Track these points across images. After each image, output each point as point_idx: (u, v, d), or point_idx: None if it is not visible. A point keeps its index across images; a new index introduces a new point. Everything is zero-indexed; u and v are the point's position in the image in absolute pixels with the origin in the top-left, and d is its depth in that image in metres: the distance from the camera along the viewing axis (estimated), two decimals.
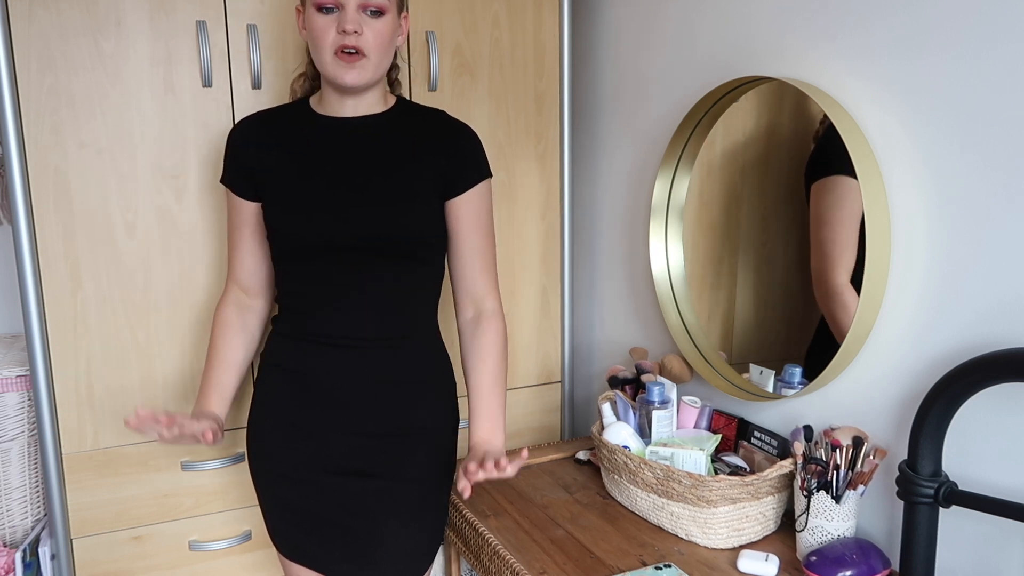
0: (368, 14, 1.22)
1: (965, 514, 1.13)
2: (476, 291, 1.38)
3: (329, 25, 1.22)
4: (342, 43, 1.22)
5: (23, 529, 1.62)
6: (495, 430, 1.34)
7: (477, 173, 1.34)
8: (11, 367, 1.57)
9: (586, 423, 2.04)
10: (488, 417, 1.35)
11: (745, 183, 1.48)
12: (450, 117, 1.37)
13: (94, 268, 1.46)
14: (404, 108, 1.36)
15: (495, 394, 1.36)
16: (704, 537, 1.31)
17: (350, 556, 1.33)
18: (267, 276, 1.41)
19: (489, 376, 1.36)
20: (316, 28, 1.23)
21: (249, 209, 1.35)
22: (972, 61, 1.07)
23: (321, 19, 1.22)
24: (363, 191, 1.27)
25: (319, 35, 1.23)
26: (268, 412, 1.37)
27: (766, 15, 1.39)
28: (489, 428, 1.34)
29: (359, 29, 1.21)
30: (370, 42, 1.23)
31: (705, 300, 1.58)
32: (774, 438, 1.37)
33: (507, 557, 1.29)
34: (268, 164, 1.31)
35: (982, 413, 1.10)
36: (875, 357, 1.25)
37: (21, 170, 1.38)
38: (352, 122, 1.31)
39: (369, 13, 1.22)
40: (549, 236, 1.85)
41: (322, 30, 1.22)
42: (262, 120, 1.36)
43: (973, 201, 1.09)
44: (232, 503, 1.62)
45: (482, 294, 1.38)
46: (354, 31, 1.21)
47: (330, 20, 1.22)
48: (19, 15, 1.35)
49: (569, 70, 1.80)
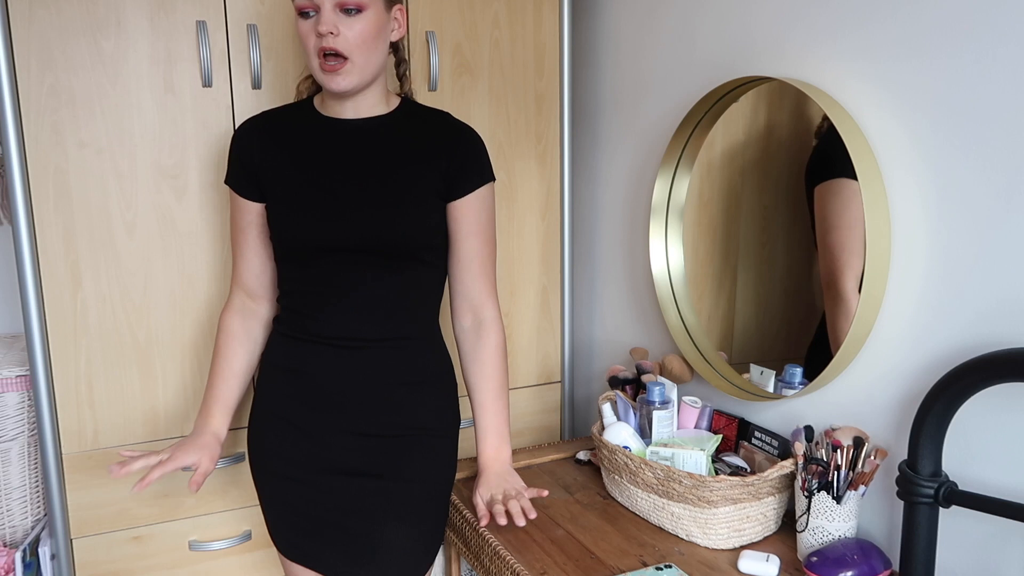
0: (345, 13, 1.21)
1: (965, 514, 1.13)
2: (474, 297, 1.38)
3: (311, 29, 1.21)
4: (320, 46, 1.21)
5: (23, 529, 1.62)
6: (502, 445, 1.39)
7: (479, 176, 1.34)
8: (11, 367, 1.57)
9: (586, 423, 2.04)
10: (495, 431, 1.38)
11: (745, 183, 1.48)
12: (454, 119, 1.36)
13: (94, 268, 1.46)
14: (408, 110, 1.35)
15: (500, 407, 1.38)
16: (705, 537, 1.31)
17: (350, 556, 1.33)
18: (272, 279, 1.41)
19: (493, 390, 1.38)
20: (301, 34, 1.23)
21: (253, 210, 1.34)
22: (972, 63, 1.07)
23: (303, 24, 1.22)
24: (365, 193, 1.27)
25: (304, 40, 1.23)
26: (269, 412, 1.37)
27: (766, 15, 1.39)
28: (496, 443, 1.38)
29: (335, 30, 1.19)
30: (350, 42, 1.21)
31: (705, 300, 1.58)
32: (775, 438, 1.37)
33: (507, 557, 1.29)
34: (271, 165, 1.31)
35: (982, 413, 1.10)
36: (875, 357, 1.25)
37: (21, 170, 1.38)
38: (356, 124, 1.31)
39: (346, 12, 1.20)
40: (549, 236, 1.85)
41: (305, 35, 1.22)
42: (266, 120, 1.35)
43: (973, 201, 1.09)
44: (232, 503, 1.62)
45: (480, 301, 1.38)
46: (329, 32, 1.19)
47: (311, 24, 1.21)
48: (19, 15, 1.35)
49: (569, 70, 1.80)
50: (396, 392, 1.33)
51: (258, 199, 1.34)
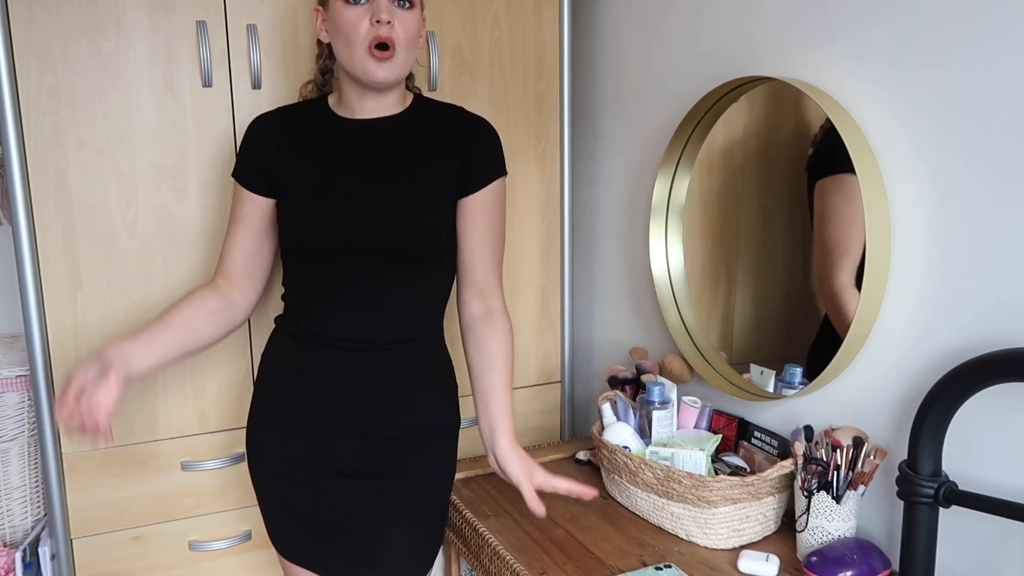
0: (398, 5, 1.21)
1: (965, 514, 1.14)
2: (486, 289, 1.37)
3: (361, 17, 1.19)
4: (376, 35, 1.19)
5: (23, 529, 1.62)
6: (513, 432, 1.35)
7: (496, 169, 1.33)
8: (11, 367, 1.57)
9: (586, 423, 2.04)
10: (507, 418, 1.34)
11: (745, 183, 1.48)
12: (468, 113, 1.36)
13: (94, 268, 1.46)
14: (422, 107, 1.35)
15: (509, 395, 1.36)
16: (704, 537, 1.31)
17: (350, 557, 1.33)
18: (253, 273, 1.37)
19: (504, 377, 1.36)
20: (347, 21, 1.20)
21: (255, 204, 1.33)
22: (972, 63, 1.07)
23: (351, 11, 1.20)
24: (380, 195, 1.26)
25: (350, 28, 1.20)
26: (269, 412, 1.36)
27: (766, 16, 1.39)
28: (509, 430, 1.34)
29: (392, 20, 1.19)
30: (401, 35, 1.21)
31: (705, 300, 1.58)
32: (774, 438, 1.37)
33: (507, 557, 1.29)
34: (286, 162, 1.30)
35: (982, 413, 1.10)
36: (875, 357, 1.25)
37: (21, 170, 1.38)
38: (371, 124, 1.30)
39: (399, 4, 1.21)
40: (549, 236, 1.85)
41: (353, 23, 1.20)
42: (280, 118, 1.34)
43: (973, 201, 1.09)
44: (232, 503, 1.61)
45: (492, 293, 1.37)
46: (388, 21, 1.19)
47: (361, 11, 1.20)
48: (19, 15, 1.35)
49: (569, 70, 1.80)
50: (398, 393, 1.33)
51: (265, 194, 1.32)
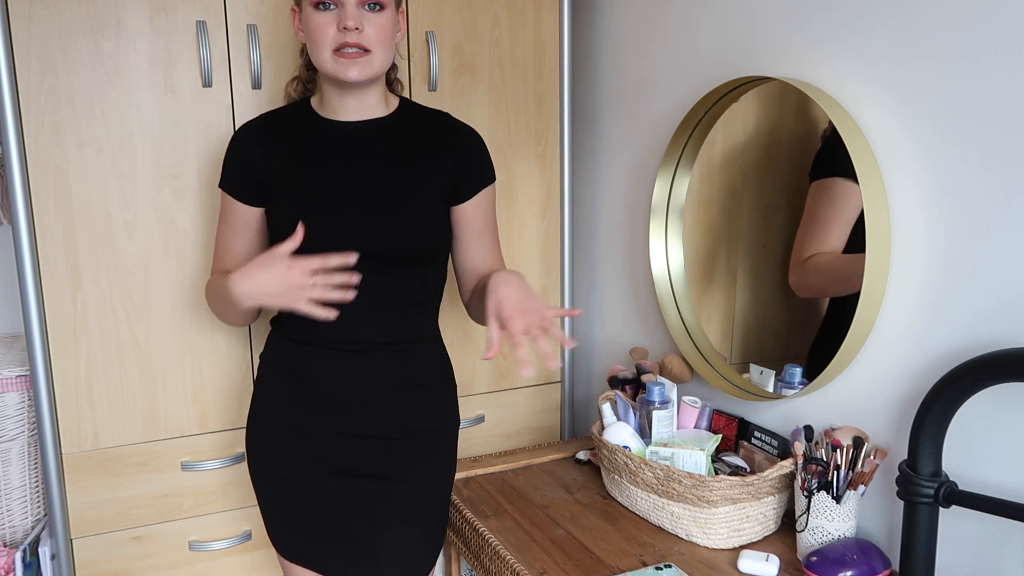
0: (368, 9, 1.20)
1: (965, 514, 1.14)
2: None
3: (328, 22, 1.19)
4: (342, 41, 1.19)
5: (23, 529, 1.62)
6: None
7: (484, 177, 1.34)
8: (11, 367, 1.57)
9: (586, 423, 2.04)
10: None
11: (745, 183, 1.48)
12: (455, 120, 1.36)
13: (94, 268, 1.46)
14: (408, 111, 1.35)
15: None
16: (704, 537, 1.31)
17: (351, 558, 1.33)
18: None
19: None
20: (315, 26, 1.20)
21: (248, 214, 1.32)
22: (972, 64, 1.07)
23: (319, 16, 1.20)
24: (369, 198, 1.26)
25: (318, 33, 1.20)
26: (268, 414, 1.36)
27: (766, 16, 1.39)
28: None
29: (360, 25, 1.18)
30: (372, 38, 1.20)
31: (705, 300, 1.58)
32: (774, 438, 1.37)
33: (507, 557, 1.29)
34: (274, 169, 1.29)
35: (982, 413, 1.10)
36: (875, 357, 1.25)
37: (21, 170, 1.38)
38: (357, 127, 1.30)
39: (368, 8, 1.20)
40: (549, 236, 1.85)
41: (321, 28, 1.20)
42: (265, 123, 1.33)
43: (973, 201, 1.09)
44: (232, 503, 1.62)
45: None
46: (355, 27, 1.18)
47: (329, 17, 1.20)
48: (19, 15, 1.35)
49: (569, 70, 1.80)
50: (398, 394, 1.33)
51: (255, 203, 1.31)
